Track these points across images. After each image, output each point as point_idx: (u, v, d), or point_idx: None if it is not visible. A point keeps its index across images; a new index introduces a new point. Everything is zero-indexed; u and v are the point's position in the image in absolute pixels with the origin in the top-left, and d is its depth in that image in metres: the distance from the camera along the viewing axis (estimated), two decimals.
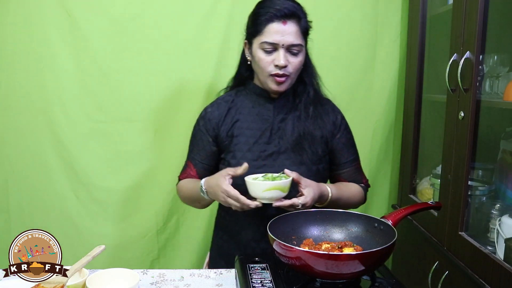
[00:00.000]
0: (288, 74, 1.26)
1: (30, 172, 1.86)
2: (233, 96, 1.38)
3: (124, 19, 1.78)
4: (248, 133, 1.32)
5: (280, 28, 1.22)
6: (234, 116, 1.34)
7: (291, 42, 1.23)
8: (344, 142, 1.39)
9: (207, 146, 1.36)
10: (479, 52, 1.31)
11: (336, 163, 1.40)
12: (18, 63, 1.78)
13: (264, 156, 1.29)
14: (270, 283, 1.01)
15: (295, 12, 1.24)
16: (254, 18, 1.28)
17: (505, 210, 1.36)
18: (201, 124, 1.37)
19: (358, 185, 1.42)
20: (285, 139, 1.31)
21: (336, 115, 1.40)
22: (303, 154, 1.30)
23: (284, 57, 1.23)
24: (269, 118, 1.33)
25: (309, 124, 1.32)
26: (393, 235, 1.02)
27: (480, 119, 1.34)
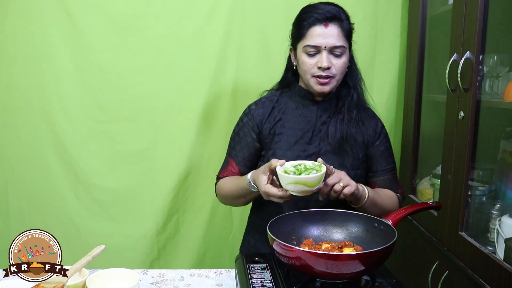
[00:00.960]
0: (331, 75, 1.27)
1: (30, 172, 1.86)
2: (277, 96, 1.40)
3: (124, 19, 1.78)
4: (289, 132, 1.33)
5: (322, 31, 1.25)
6: (277, 115, 1.35)
7: (333, 44, 1.25)
8: (382, 150, 1.39)
9: (251, 143, 1.36)
10: (479, 52, 1.31)
11: (373, 170, 1.39)
12: (18, 63, 1.78)
13: (304, 156, 1.29)
14: (270, 283, 1.01)
15: (336, 15, 1.26)
16: (297, 23, 1.30)
17: (505, 210, 1.36)
18: (245, 121, 1.38)
19: (393, 192, 1.40)
20: (326, 141, 1.31)
21: (376, 122, 1.40)
22: (345, 157, 1.30)
23: (327, 59, 1.25)
24: (312, 120, 1.34)
25: (352, 127, 1.33)
26: (393, 235, 1.02)
27: (480, 119, 1.34)
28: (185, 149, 1.87)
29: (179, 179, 1.88)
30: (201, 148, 1.88)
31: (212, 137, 1.88)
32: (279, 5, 1.83)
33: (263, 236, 1.36)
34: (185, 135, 1.87)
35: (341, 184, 1.14)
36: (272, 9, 1.83)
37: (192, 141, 1.87)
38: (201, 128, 1.87)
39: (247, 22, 1.83)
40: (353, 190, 1.15)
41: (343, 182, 1.14)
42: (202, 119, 1.86)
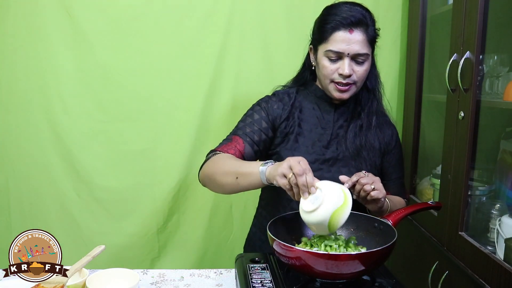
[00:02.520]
0: (352, 82, 1.24)
1: (31, 172, 1.86)
2: (294, 94, 1.35)
3: (125, 19, 1.78)
4: (308, 134, 1.30)
5: (346, 37, 1.20)
6: (295, 114, 1.31)
7: (357, 51, 1.20)
8: (397, 158, 1.39)
9: (265, 129, 1.29)
10: (479, 52, 1.31)
11: (387, 178, 1.39)
12: (18, 63, 1.78)
13: (321, 160, 1.27)
14: (270, 283, 1.01)
15: (362, 20, 1.21)
16: (320, 24, 1.25)
17: (505, 210, 1.36)
18: (264, 106, 1.32)
19: (401, 198, 1.41)
20: (344, 146, 1.28)
21: (392, 129, 1.39)
22: (362, 163, 1.28)
23: (349, 66, 1.21)
24: (329, 123, 1.31)
25: (370, 134, 1.31)
26: (393, 235, 1.02)
27: (480, 119, 1.34)
28: (186, 149, 1.87)
29: (179, 179, 1.88)
30: (201, 148, 1.87)
31: (212, 136, 1.88)
32: (279, 5, 1.84)
33: None
34: (186, 135, 1.87)
35: (372, 186, 1.12)
36: (272, 9, 1.83)
37: (192, 140, 1.87)
38: (201, 128, 1.87)
39: (247, 22, 1.83)
40: (380, 196, 1.13)
41: (375, 185, 1.13)
42: (202, 118, 1.86)
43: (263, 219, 1.39)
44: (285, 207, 1.29)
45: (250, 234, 1.45)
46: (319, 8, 1.85)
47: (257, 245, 1.39)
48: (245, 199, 1.91)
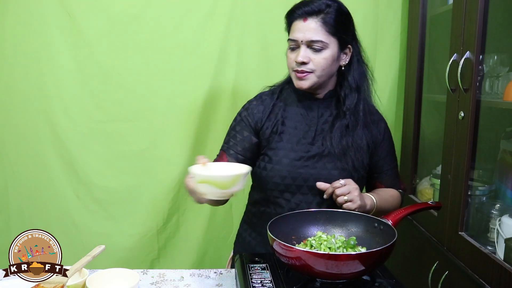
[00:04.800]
0: (309, 70, 1.24)
1: (30, 172, 1.86)
2: (277, 93, 1.37)
3: (125, 19, 1.78)
4: (292, 131, 1.30)
5: (301, 25, 1.24)
6: (278, 113, 1.33)
7: (309, 38, 1.22)
8: (387, 150, 1.39)
9: (247, 137, 1.33)
10: (479, 52, 1.31)
11: (378, 171, 1.39)
12: (18, 63, 1.78)
13: (307, 157, 1.28)
14: (270, 283, 1.01)
15: (317, 9, 1.23)
16: (285, 18, 1.31)
17: (505, 210, 1.36)
18: (244, 115, 1.35)
19: (396, 190, 1.42)
20: (330, 143, 1.28)
21: (380, 122, 1.38)
22: (349, 162, 1.28)
23: (304, 53, 1.23)
24: (314, 119, 1.31)
25: (357, 134, 1.30)
26: (393, 235, 1.02)
27: (480, 119, 1.34)
28: (185, 149, 1.87)
29: (179, 179, 1.88)
30: (201, 148, 1.88)
31: (212, 136, 1.88)
32: (279, 5, 1.83)
33: (259, 235, 1.36)
34: (185, 135, 1.87)
35: (345, 198, 1.18)
36: (272, 8, 1.83)
37: (192, 140, 1.87)
38: (201, 128, 1.87)
39: (247, 22, 1.83)
40: (353, 208, 1.17)
41: (348, 197, 1.17)
42: (202, 118, 1.86)
43: (252, 216, 1.40)
44: (273, 204, 1.30)
45: (240, 231, 1.46)
46: None
47: (247, 241, 1.39)
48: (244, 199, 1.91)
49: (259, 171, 1.31)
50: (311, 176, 1.26)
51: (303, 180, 1.26)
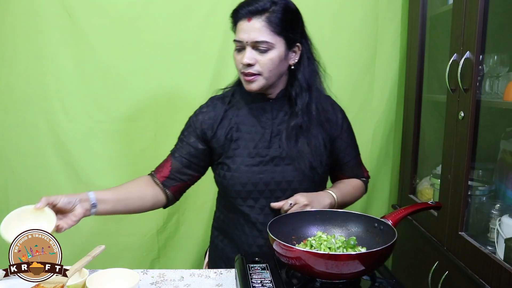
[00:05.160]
0: (256, 72, 1.21)
1: (30, 172, 1.86)
2: (229, 97, 1.34)
3: (125, 19, 1.78)
4: (247, 137, 1.28)
5: (245, 26, 1.19)
6: (231, 118, 1.30)
7: (254, 39, 1.18)
8: (347, 141, 1.38)
9: (193, 143, 1.31)
10: (479, 52, 1.31)
11: (340, 163, 1.38)
12: (18, 63, 1.78)
13: (265, 161, 1.26)
14: (270, 283, 1.00)
15: (261, 8, 1.18)
16: (231, 18, 1.26)
17: (505, 210, 1.36)
18: (193, 121, 1.33)
19: (359, 179, 1.42)
20: (286, 145, 1.26)
21: (337, 114, 1.36)
22: (306, 163, 1.26)
23: (249, 54, 1.19)
24: (268, 121, 1.29)
25: (312, 133, 1.28)
26: (393, 235, 1.02)
27: (480, 119, 1.34)
28: None
29: None
30: None
31: None
32: None
33: (231, 241, 1.35)
34: None
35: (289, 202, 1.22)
36: None
37: None
38: None
39: None
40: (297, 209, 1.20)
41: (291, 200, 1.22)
42: None
43: (221, 222, 1.39)
44: (239, 210, 1.30)
45: (212, 238, 1.45)
46: (317, 7, 1.87)
47: (220, 248, 1.39)
48: None
49: (220, 179, 1.31)
50: (272, 180, 1.26)
51: (264, 185, 1.26)
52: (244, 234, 1.31)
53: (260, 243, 1.30)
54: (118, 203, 1.24)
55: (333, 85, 1.93)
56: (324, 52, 1.89)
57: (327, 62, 1.90)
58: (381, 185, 2.03)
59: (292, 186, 1.27)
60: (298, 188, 1.27)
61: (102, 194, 1.20)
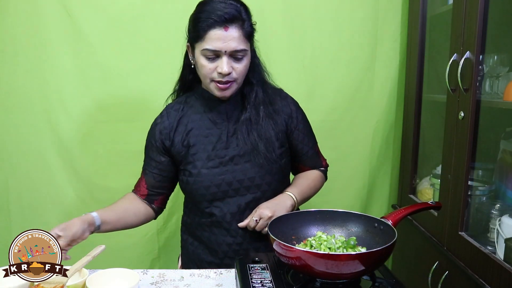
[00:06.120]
0: (232, 80, 1.22)
1: (31, 172, 1.86)
2: (182, 103, 1.34)
3: (125, 19, 1.78)
4: (204, 140, 1.28)
5: (222, 34, 1.16)
6: (187, 124, 1.30)
7: (234, 48, 1.18)
8: (304, 132, 1.38)
9: (156, 157, 1.33)
10: (479, 52, 1.31)
11: (299, 154, 1.40)
12: (18, 63, 1.78)
13: (225, 161, 1.27)
14: (270, 283, 1.01)
15: (237, 15, 1.17)
16: (194, 22, 1.21)
17: (505, 210, 1.36)
18: (151, 136, 1.35)
19: (317, 170, 1.44)
20: (242, 141, 1.28)
21: (289, 106, 1.36)
22: (261, 157, 1.27)
23: (228, 64, 1.18)
24: (223, 122, 1.30)
25: (262, 125, 1.29)
26: (393, 235, 1.02)
27: (480, 119, 1.34)
28: None
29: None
30: None
31: None
32: (279, 5, 1.84)
33: (202, 242, 1.36)
34: None
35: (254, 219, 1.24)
36: (271, 8, 1.83)
37: None
38: None
39: None
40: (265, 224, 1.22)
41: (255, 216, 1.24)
42: None
43: (189, 225, 1.40)
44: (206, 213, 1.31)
45: (182, 244, 1.46)
46: (317, 7, 1.87)
47: (190, 251, 1.39)
48: None
49: (183, 185, 1.33)
50: (233, 179, 1.27)
51: (227, 185, 1.27)
52: (213, 234, 1.32)
53: (229, 242, 1.31)
54: (117, 222, 1.30)
55: (333, 85, 1.94)
56: (324, 52, 1.91)
57: (327, 62, 1.91)
58: (381, 185, 2.03)
59: (254, 183, 1.28)
60: (261, 183, 1.28)
61: (104, 215, 1.26)
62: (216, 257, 1.32)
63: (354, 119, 1.96)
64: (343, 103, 1.94)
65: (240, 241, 1.30)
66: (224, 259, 1.31)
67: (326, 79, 1.92)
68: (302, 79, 1.89)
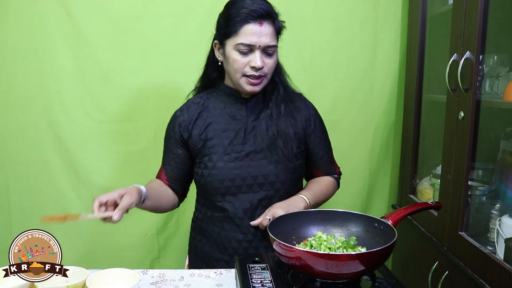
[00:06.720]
0: (263, 75, 1.26)
1: (31, 172, 1.86)
2: (203, 98, 1.37)
3: (125, 19, 1.78)
4: (222, 135, 1.31)
5: (257, 29, 1.21)
6: (206, 118, 1.33)
7: (267, 43, 1.22)
8: (320, 136, 1.41)
9: (176, 151, 1.36)
10: (479, 52, 1.31)
11: (314, 158, 1.41)
12: (18, 63, 1.78)
13: (240, 157, 1.29)
14: (270, 283, 1.00)
15: (270, 12, 1.23)
16: (227, 19, 1.25)
17: (505, 210, 1.36)
18: (170, 128, 1.38)
19: (330, 177, 1.45)
20: (259, 138, 1.30)
21: (308, 110, 1.40)
22: (279, 152, 1.30)
23: (260, 58, 1.23)
24: (242, 118, 1.33)
25: (282, 122, 1.32)
26: (393, 235, 1.02)
27: (480, 119, 1.34)
28: None
29: None
30: None
31: None
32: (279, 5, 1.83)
33: (211, 239, 1.36)
34: None
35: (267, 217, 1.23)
36: None
37: None
38: None
39: None
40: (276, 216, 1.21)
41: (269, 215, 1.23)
42: None
43: (200, 221, 1.40)
44: (219, 207, 1.32)
45: (191, 241, 1.46)
46: (317, 7, 1.87)
47: (199, 248, 1.40)
48: None
49: (198, 178, 1.34)
50: (248, 174, 1.29)
51: (241, 180, 1.28)
52: (223, 230, 1.33)
53: (239, 238, 1.32)
54: (155, 201, 1.31)
55: (334, 85, 1.94)
56: (324, 52, 1.91)
57: (327, 62, 1.91)
58: (381, 185, 2.03)
59: (268, 180, 1.29)
60: (275, 181, 1.30)
61: (149, 190, 1.28)
62: (225, 254, 1.33)
63: (354, 119, 1.96)
64: (343, 103, 1.94)
65: (250, 238, 1.31)
66: (233, 256, 1.31)
67: (326, 79, 1.92)
68: (302, 79, 1.89)
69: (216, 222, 1.34)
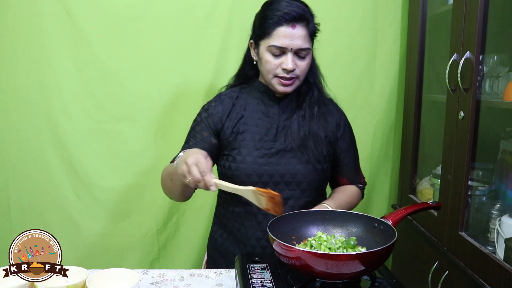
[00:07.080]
0: (295, 77, 1.27)
1: (31, 172, 1.86)
2: (237, 92, 1.38)
3: (125, 19, 1.78)
4: (254, 130, 1.32)
5: (289, 32, 1.22)
6: (239, 112, 1.34)
7: (299, 46, 1.23)
8: (348, 142, 1.41)
9: (206, 138, 1.34)
10: (479, 52, 1.31)
11: (340, 164, 1.41)
12: (18, 63, 1.78)
13: (270, 153, 1.29)
14: (270, 283, 1.01)
15: (303, 15, 1.23)
16: (262, 20, 1.26)
17: (505, 210, 1.36)
18: (204, 116, 1.36)
19: (355, 186, 1.44)
20: (290, 137, 1.31)
21: (339, 115, 1.41)
22: (309, 153, 1.30)
23: (292, 61, 1.23)
24: (275, 116, 1.33)
25: (314, 124, 1.33)
26: (393, 235, 1.02)
27: (480, 119, 1.34)
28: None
29: None
30: None
31: None
32: None
33: (231, 234, 1.37)
34: (185, 135, 1.87)
35: None
36: None
37: None
38: None
39: (247, 22, 1.82)
40: None
41: None
42: None
43: (222, 216, 1.40)
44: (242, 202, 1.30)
45: (212, 234, 1.46)
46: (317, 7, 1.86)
47: (219, 243, 1.40)
48: None
49: (225, 171, 1.33)
50: (276, 172, 1.28)
51: (269, 177, 1.28)
52: (243, 226, 1.33)
53: (259, 236, 1.31)
54: None
55: (334, 85, 1.93)
56: (324, 52, 1.89)
57: (327, 62, 1.90)
58: (381, 185, 2.03)
59: (296, 179, 1.29)
60: (302, 181, 1.29)
61: None
62: (244, 251, 1.33)
63: (354, 119, 1.94)
64: (343, 103, 1.93)
65: None
66: None
67: (326, 79, 1.91)
68: None
69: (237, 218, 1.34)
